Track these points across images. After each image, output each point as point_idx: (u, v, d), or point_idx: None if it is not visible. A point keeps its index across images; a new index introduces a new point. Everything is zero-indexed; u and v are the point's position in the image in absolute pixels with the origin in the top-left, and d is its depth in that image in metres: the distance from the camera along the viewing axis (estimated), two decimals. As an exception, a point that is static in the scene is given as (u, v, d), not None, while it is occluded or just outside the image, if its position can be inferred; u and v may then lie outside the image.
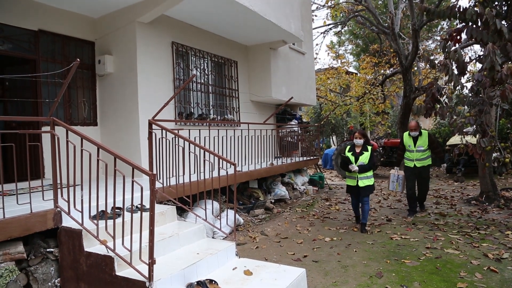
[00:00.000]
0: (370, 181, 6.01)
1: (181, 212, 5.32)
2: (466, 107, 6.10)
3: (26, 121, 5.62)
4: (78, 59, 3.48)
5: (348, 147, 6.30)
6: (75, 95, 6.57)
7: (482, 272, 4.07)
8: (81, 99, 6.67)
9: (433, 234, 5.60)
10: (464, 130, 5.76)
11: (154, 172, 4.77)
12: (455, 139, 11.82)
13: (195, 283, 3.30)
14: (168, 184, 4.93)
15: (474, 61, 6.60)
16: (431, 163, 7.04)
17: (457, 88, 5.54)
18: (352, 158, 6.07)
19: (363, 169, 5.94)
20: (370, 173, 6.03)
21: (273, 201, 7.99)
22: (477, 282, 3.84)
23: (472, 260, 4.43)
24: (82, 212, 3.42)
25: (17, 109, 6.04)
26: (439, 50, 17.32)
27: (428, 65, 9.92)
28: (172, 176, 5.03)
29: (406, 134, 7.06)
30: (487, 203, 7.55)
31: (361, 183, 5.97)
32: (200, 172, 5.03)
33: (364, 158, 5.98)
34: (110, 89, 6.76)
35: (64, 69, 5.21)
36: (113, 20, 6.65)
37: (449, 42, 5.61)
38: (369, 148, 6.09)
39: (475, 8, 5.24)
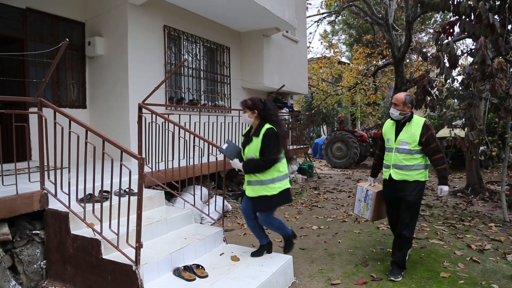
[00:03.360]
0: (265, 190, 3.53)
1: (169, 197, 5.31)
2: (456, 100, 6.16)
3: (13, 101, 5.51)
4: (67, 39, 3.41)
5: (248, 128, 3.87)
6: (64, 76, 6.46)
7: (464, 263, 4.15)
8: (70, 81, 6.55)
9: (419, 224, 5.68)
10: (453, 123, 5.82)
11: (143, 156, 4.74)
12: (444, 132, 11.94)
13: (182, 267, 3.32)
14: (157, 169, 4.91)
15: (465, 54, 6.61)
16: (425, 179, 3.81)
17: (448, 81, 5.58)
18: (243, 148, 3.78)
19: (247, 168, 3.56)
20: (266, 176, 3.52)
21: (262, 188, 8.00)
22: (460, 272, 3.91)
23: (455, 251, 4.52)
24: (69, 194, 3.39)
25: (3, 89, 5.91)
26: (431, 43, 17.39)
27: (420, 57, 9.95)
28: (161, 160, 5.00)
29: (388, 120, 4.10)
30: (472, 196, 7.68)
31: (249, 191, 3.66)
32: (189, 158, 5.02)
33: (253, 149, 3.57)
34: (100, 71, 6.66)
35: (52, 49, 5.10)
36: (104, 1, 6.51)
37: (442, 35, 5.63)
38: (263, 130, 3.50)
39: (469, 2, 5.25)
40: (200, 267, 3.40)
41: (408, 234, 3.75)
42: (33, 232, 3.53)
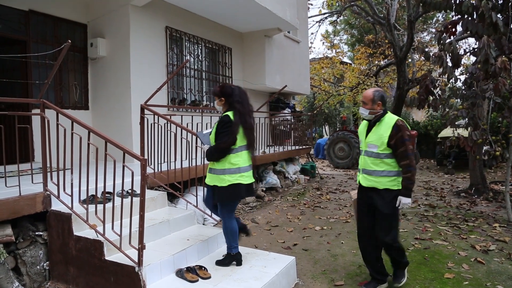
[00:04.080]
0: (217, 181, 3.39)
1: (172, 198, 5.30)
2: (459, 99, 6.13)
3: (16, 102, 5.53)
4: (70, 41, 3.42)
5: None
6: (67, 78, 6.47)
7: (469, 263, 4.12)
8: (73, 82, 6.57)
9: (422, 225, 5.66)
10: (456, 123, 5.79)
11: (146, 157, 4.73)
12: (447, 132, 11.90)
13: (185, 269, 3.31)
14: (159, 170, 4.91)
15: (468, 54, 6.59)
16: (397, 187, 3.29)
17: (451, 80, 5.56)
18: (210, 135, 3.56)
19: (205, 154, 3.47)
20: (218, 166, 3.39)
21: (264, 189, 8.01)
22: (464, 273, 3.89)
23: (459, 252, 4.49)
24: (72, 196, 3.40)
25: (6, 90, 5.93)
26: (434, 42, 17.33)
27: (422, 57, 9.93)
28: (164, 161, 5.00)
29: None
30: (476, 196, 7.64)
31: (206, 178, 3.56)
32: (192, 159, 5.01)
33: (212, 136, 3.48)
34: (102, 72, 6.66)
35: (55, 50, 5.11)
36: (106, 3, 6.52)
37: (444, 34, 5.61)
38: (220, 119, 3.43)
39: (471, 1, 5.22)
40: (203, 268, 3.39)
41: (392, 241, 3.37)
42: (36, 233, 3.53)
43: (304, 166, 10.70)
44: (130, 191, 3.46)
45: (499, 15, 5.14)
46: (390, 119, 3.32)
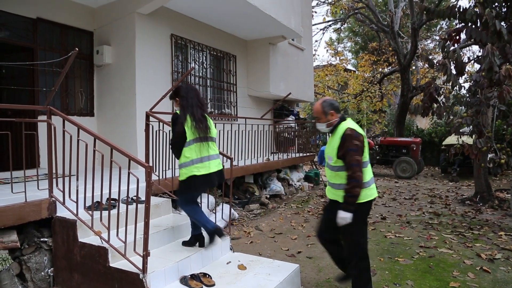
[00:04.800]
0: (180, 175, 3.64)
1: (176, 205, 5.31)
2: (463, 107, 6.13)
3: (23, 109, 5.58)
4: (77, 49, 3.46)
5: None
6: (73, 85, 6.53)
7: (474, 272, 4.09)
8: (78, 89, 6.62)
9: (427, 233, 5.63)
10: (461, 130, 5.78)
11: (151, 164, 4.76)
12: (451, 139, 11.87)
13: (189, 276, 3.31)
14: (164, 177, 4.92)
15: (472, 61, 6.59)
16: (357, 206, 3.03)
17: (455, 88, 5.56)
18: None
19: None
20: (179, 161, 3.61)
21: (268, 196, 8.00)
22: (470, 281, 3.86)
23: (465, 260, 4.46)
24: (77, 202, 3.41)
25: (13, 97, 5.99)
26: (437, 49, 17.37)
27: (426, 65, 9.93)
28: (168, 168, 5.01)
29: None
30: (481, 204, 7.60)
31: None
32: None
33: None
34: (108, 79, 6.72)
35: (62, 58, 5.17)
36: (112, 10, 6.59)
37: (448, 42, 5.61)
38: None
39: (475, 9, 5.24)
40: (207, 275, 3.39)
41: (352, 257, 3.18)
42: (41, 239, 3.54)
43: (308, 174, 10.68)
44: (135, 198, 3.48)
45: (503, 23, 5.15)
46: (342, 128, 3.11)
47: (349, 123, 3.13)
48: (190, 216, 3.75)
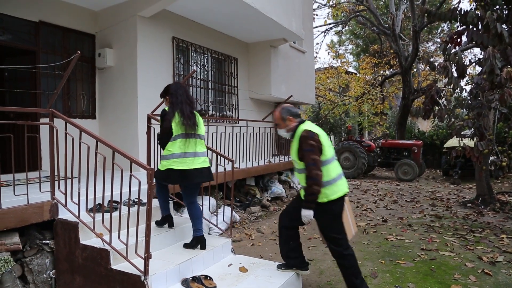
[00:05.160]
0: (160, 165, 3.82)
1: (177, 208, 5.32)
2: (464, 110, 6.13)
3: (25, 112, 5.60)
4: (79, 52, 3.48)
5: None
6: (74, 87, 6.55)
7: (476, 275, 4.09)
8: (80, 91, 6.65)
9: (428, 235, 5.63)
10: (462, 133, 5.78)
11: (152, 166, 4.76)
12: (452, 142, 11.86)
13: (190, 278, 3.31)
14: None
15: (473, 64, 6.60)
16: (322, 200, 3.19)
17: (456, 90, 5.55)
18: None
19: None
20: (164, 152, 3.77)
21: (269, 198, 8.00)
22: (471, 284, 3.86)
23: (466, 263, 4.45)
24: (79, 204, 3.42)
25: (15, 100, 6.02)
26: (439, 52, 17.36)
27: (427, 67, 9.93)
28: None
29: None
30: (482, 206, 7.59)
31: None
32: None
33: None
34: (110, 82, 6.74)
35: (64, 61, 5.19)
36: (114, 14, 6.62)
37: (449, 45, 5.62)
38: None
39: (476, 11, 5.25)
40: (209, 278, 3.39)
41: (333, 246, 3.36)
42: (43, 241, 3.55)
43: (309, 176, 10.66)
44: (136, 200, 3.49)
45: (504, 26, 5.16)
46: (299, 132, 3.24)
47: (306, 126, 3.24)
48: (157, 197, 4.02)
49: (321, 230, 3.41)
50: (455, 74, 5.34)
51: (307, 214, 3.16)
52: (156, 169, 3.79)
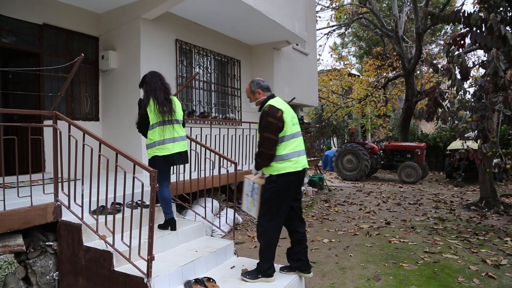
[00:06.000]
0: (148, 153, 3.99)
1: (180, 210, 5.32)
2: (468, 112, 6.10)
3: (29, 114, 5.63)
4: (83, 54, 3.49)
5: None
6: (78, 89, 6.58)
7: (480, 278, 4.07)
8: (84, 94, 6.67)
9: (432, 238, 5.60)
10: (466, 135, 5.76)
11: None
12: (456, 144, 11.83)
13: (193, 280, 3.31)
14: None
15: (477, 66, 6.58)
16: (272, 173, 3.32)
17: (460, 93, 5.54)
18: None
19: None
20: (147, 142, 3.97)
21: (272, 201, 7.97)
22: (475, 287, 3.84)
23: (470, 266, 4.43)
24: (82, 206, 3.43)
25: (19, 102, 6.04)
26: (442, 54, 17.35)
27: (431, 69, 9.91)
28: (173, 173, 5.02)
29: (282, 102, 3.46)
30: (486, 209, 7.55)
31: None
32: (200, 170, 5.03)
33: None
34: (113, 84, 6.76)
35: (68, 64, 5.22)
36: (117, 16, 6.65)
37: (453, 47, 5.61)
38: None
39: (480, 13, 5.23)
40: (211, 280, 3.39)
41: (261, 217, 3.42)
42: (46, 243, 3.56)
43: (312, 178, 10.67)
44: (139, 202, 3.49)
45: (508, 28, 5.14)
46: (264, 107, 3.33)
47: (272, 101, 3.32)
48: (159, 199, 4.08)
49: (261, 200, 3.43)
50: (458, 76, 5.32)
51: (252, 169, 3.48)
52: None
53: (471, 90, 6.42)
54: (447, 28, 20.75)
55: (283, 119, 3.22)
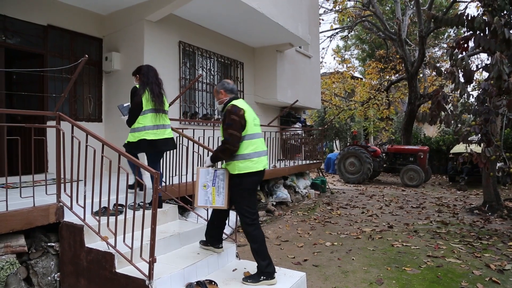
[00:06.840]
0: (129, 137, 4.25)
1: (182, 211, 5.31)
2: (471, 115, 6.08)
3: (32, 115, 5.64)
4: (87, 55, 3.50)
5: None
6: (81, 91, 6.60)
7: (483, 283, 4.04)
8: (87, 95, 6.69)
9: (435, 242, 5.57)
10: (469, 139, 5.74)
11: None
12: (459, 148, 11.79)
13: (195, 283, 3.30)
14: (170, 183, 4.93)
15: (481, 69, 6.55)
16: (233, 171, 3.42)
17: (463, 96, 5.52)
18: None
19: (126, 122, 4.39)
20: (134, 125, 4.21)
21: (274, 203, 7.98)
22: (478, 292, 3.81)
23: (473, 270, 4.40)
24: (84, 207, 3.43)
25: (23, 103, 6.07)
26: (445, 57, 17.32)
27: (434, 72, 9.89)
28: (175, 175, 5.03)
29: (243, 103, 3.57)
30: (490, 213, 7.51)
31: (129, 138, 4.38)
32: (203, 172, 5.01)
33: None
34: (116, 86, 6.78)
35: (72, 65, 5.23)
36: (121, 18, 6.67)
37: (456, 50, 5.60)
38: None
39: (484, 17, 5.22)
40: (213, 283, 3.38)
41: (242, 218, 3.52)
42: (48, 244, 3.56)
43: (314, 181, 10.65)
44: (142, 203, 3.49)
45: (511, 31, 5.13)
46: (227, 106, 3.47)
47: (235, 102, 3.47)
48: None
49: (233, 203, 3.58)
50: (462, 80, 5.31)
51: (207, 159, 3.60)
52: (124, 144, 4.23)
53: (475, 93, 6.41)
54: (450, 32, 20.71)
55: (245, 118, 3.39)
